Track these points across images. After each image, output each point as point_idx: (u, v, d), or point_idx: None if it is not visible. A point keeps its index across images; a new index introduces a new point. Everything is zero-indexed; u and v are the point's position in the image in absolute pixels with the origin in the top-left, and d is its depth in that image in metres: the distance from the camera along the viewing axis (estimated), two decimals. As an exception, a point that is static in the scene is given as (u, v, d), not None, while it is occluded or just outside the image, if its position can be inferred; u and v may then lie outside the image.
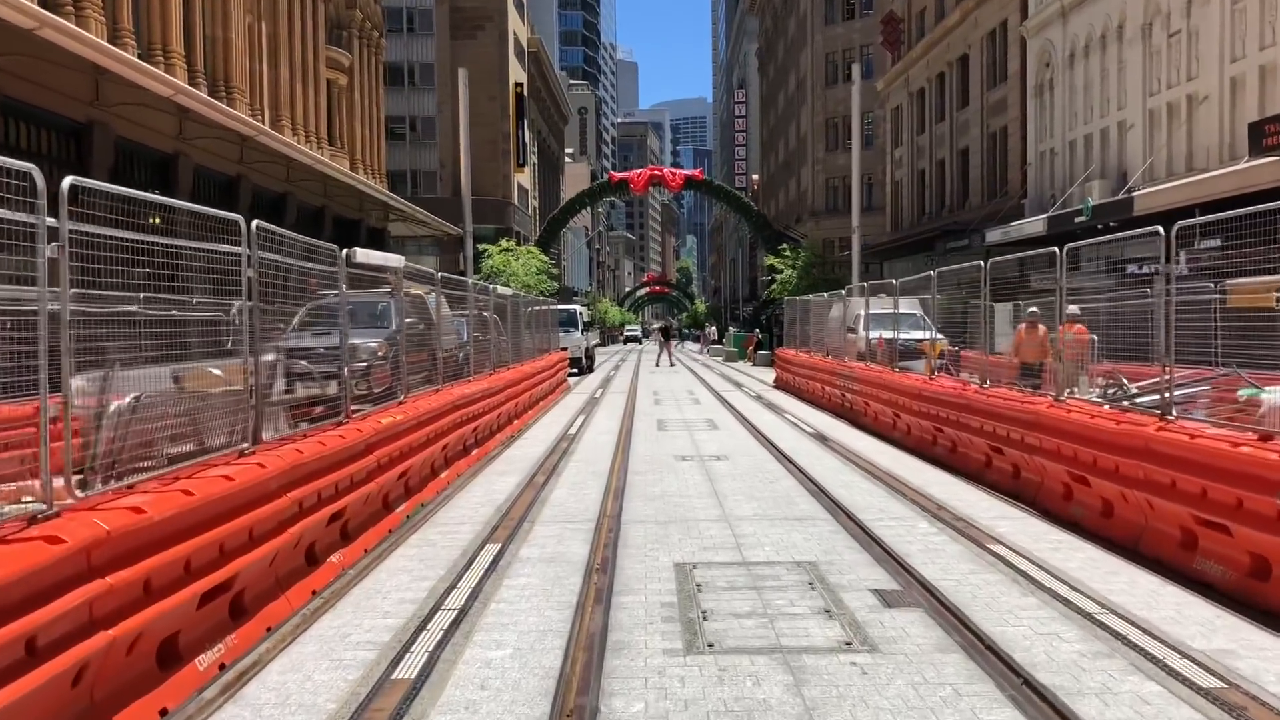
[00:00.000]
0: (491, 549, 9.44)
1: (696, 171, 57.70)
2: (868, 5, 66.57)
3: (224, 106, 28.76)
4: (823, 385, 23.48)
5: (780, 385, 29.81)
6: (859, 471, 13.87)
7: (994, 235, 35.13)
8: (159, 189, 27.88)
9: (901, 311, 23.95)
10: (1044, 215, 32.47)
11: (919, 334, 23.60)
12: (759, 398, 26.64)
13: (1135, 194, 27.43)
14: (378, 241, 47.48)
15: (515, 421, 19.73)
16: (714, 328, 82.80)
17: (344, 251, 9.86)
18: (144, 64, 23.46)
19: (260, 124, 33.03)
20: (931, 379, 15.93)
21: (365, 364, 15.37)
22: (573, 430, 19.29)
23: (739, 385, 31.66)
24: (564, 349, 34.11)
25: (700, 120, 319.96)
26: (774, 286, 46.26)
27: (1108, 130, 33.58)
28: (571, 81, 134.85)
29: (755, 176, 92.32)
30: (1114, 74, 33.09)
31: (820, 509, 11.17)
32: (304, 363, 13.70)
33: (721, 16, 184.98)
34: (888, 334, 22.30)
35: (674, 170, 56.39)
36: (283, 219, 35.90)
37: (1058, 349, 14.00)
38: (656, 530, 10.09)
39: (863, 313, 26.85)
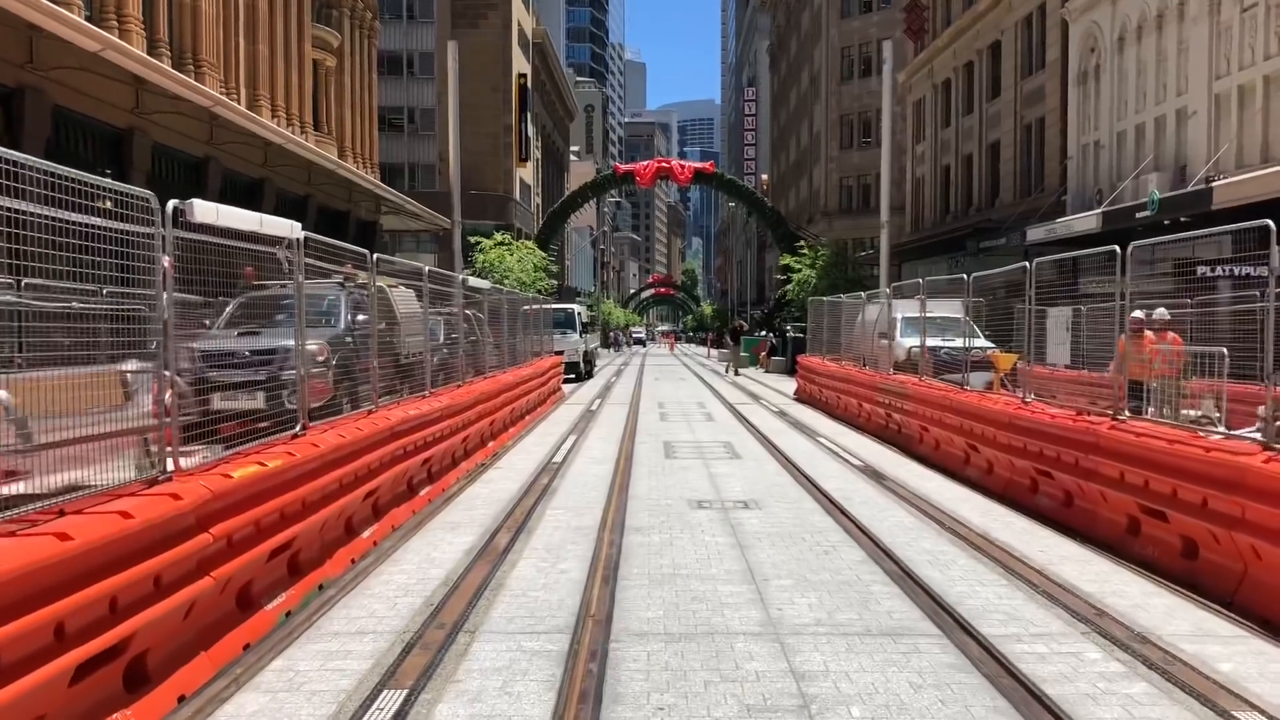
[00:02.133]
0: (391, 700, 5.52)
1: (706, 164, 53.53)
2: (885, -2, 62.70)
3: (188, 79, 24.98)
4: (859, 402, 19.48)
5: (803, 398, 25.80)
6: (945, 533, 9.85)
7: (1036, 233, 31.13)
8: (111, 168, 24.41)
9: (944, 315, 20.24)
10: (1098, 210, 28.47)
11: (969, 342, 20.00)
12: (781, 413, 22.60)
13: (1214, 184, 23.45)
14: (368, 235, 43.61)
15: (491, 443, 15.80)
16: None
17: (170, 205, 5.94)
18: (89, 25, 19.80)
19: (232, 101, 29.27)
20: (1026, 403, 11.96)
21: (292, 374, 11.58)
22: (559, 456, 15.27)
23: (755, 397, 27.54)
24: (559, 353, 30.11)
25: (708, 122, 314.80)
26: (790, 287, 42.15)
27: (1164, 119, 29.59)
28: (578, 79, 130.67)
29: (765, 177, 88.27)
30: (1173, 56, 29.09)
31: (915, 609, 7.20)
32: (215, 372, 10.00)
33: (731, 16, 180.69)
34: (943, 341, 18.50)
35: (683, 163, 52.21)
36: (258, 207, 32.18)
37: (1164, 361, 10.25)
38: (665, 656, 6.14)
39: (899, 316, 22.99)
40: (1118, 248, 10.35)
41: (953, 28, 45.44)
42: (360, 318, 15.08)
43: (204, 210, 6.21)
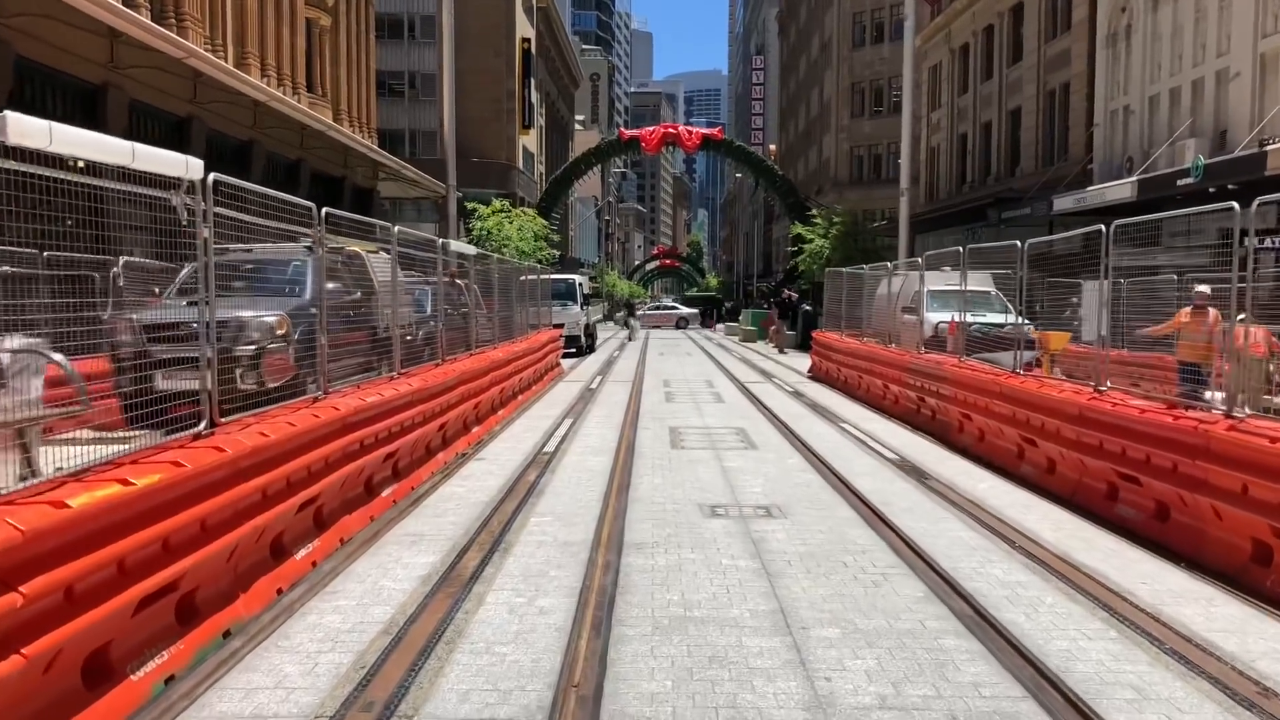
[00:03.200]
0: None
1: (715, 130, 51.12)
2: (900, -38, 60.14)
3: (164, 31, 22.94)
4: (885, 383, 17.49)
5: (818, 375, 23.80)
6: (1016, 554, 7.86)
7: (1064, 203, 29.02)
8: (85, 125, 22.43)
9: (973, 289, 18.30)
10: (1132, 178, 26.36)
11: (996, 317, 18.15)
12: (797, 394, 20.60)
13: (1269, 148, 21.35)
14: (365, 202, 41.57)
15: (477, 428, 13.89)
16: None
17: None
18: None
19: (218, 58, 27.23)
20: (1100, 391, 9.98)
21: (255, 346, 9.87)
22: (552, 445, 13.31)
23: (768, 375, 25.47)
24: (559, 326, 28.05)
25: (715, 93, 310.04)
26: (801, 258, 39.95)
27: (1202, 82, 27.42)
28: (584, 46, 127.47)
29: (773, 147, 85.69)
30: (1213, 14, 26.89)
31: (1009, 679, 5.22)
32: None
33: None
34: (973, 317, 16.60)
35: (690, 128, 49.78)
36: (247, 170, 30.16)
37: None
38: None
39: (926, 289, 21.01)
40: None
41: (972, -11, 43.08)
42: (331, 286, 13.21)
43: (25, 129, 4.26)
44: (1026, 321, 16.93)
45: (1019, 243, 12.79)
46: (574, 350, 32.61)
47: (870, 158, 62.21)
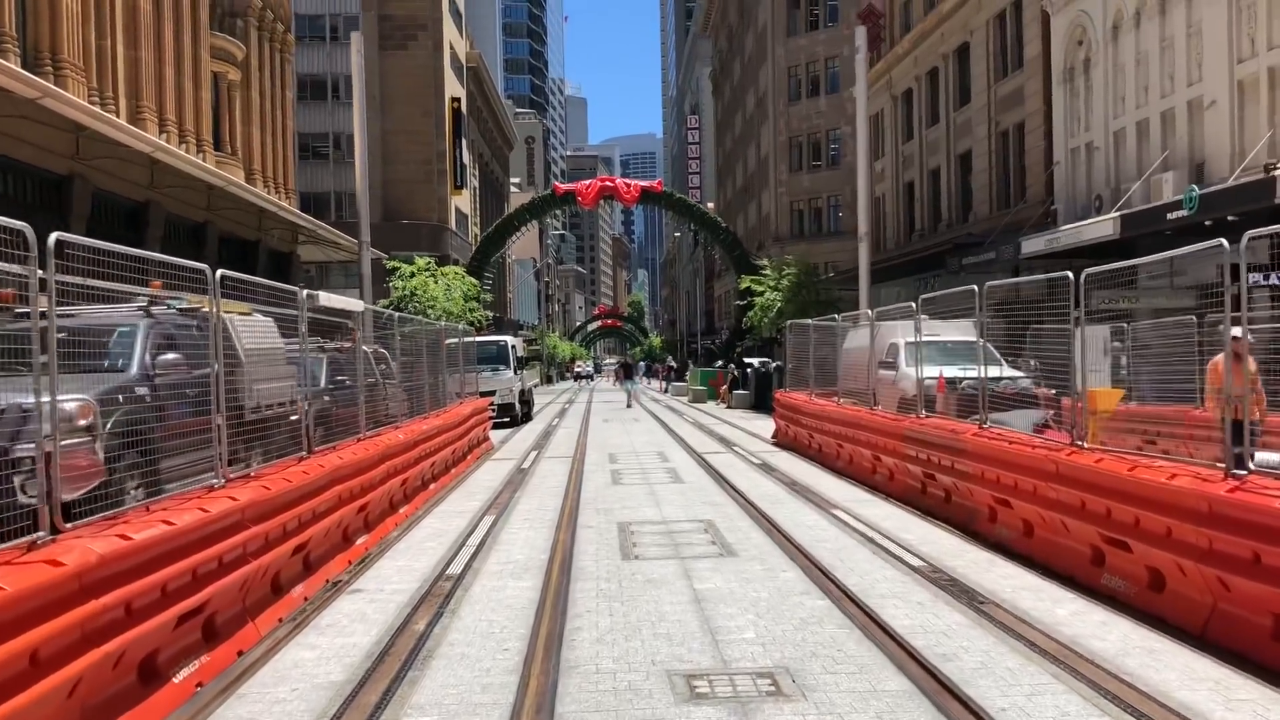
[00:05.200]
0: None
1: (655, 183, 48.00)
2: (832, 15, 58.43)
3: (38, 80, 19.51)
4: (875, 454, 14.22)
5: (785, 443, 20.50)
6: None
7: (1033, 244, 26.33)
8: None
9: (955, 339, 15.49)
10: (1112, 214, 23.74)
11: (994, 371, 15.24)
12: (766, 467, 17.20)
13: (1277, 173, 18.78)
14: (283, 268, 37.93)
15: (365, 538, 10.35)
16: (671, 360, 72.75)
17: None
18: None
19: (105, 111, 23.79)
20: (1241, 477, 6.81)
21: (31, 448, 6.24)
22: (461, 559, 9.70)
23: (728, 443, 21.97)
24: (489, 394, 24.40)
25: (650, 156, 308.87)
26: (752, 313, 36.82)
27: (1172, 113, 25.12)
28: (518, 110, 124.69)
29: (710, 205, 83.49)
30: (1180, 42, 24.67)
31: None
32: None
33: (671, 47, 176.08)
34: (961, 371, 13.71)
35: (628, 181, 46.56)
36: (142, 233, 26.54)
37: None
38: None
39: (899, 341, 17.99)
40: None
41: (914, 32, 41.05)
42: (169, 356, 9.70)
43: None
44: (1024, 374, 14.04)
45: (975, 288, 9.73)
46: (507, 420, 28.88)
47: (810, 211, 59.94)
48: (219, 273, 7.65)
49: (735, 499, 13.42)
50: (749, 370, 35.77)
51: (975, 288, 11.14)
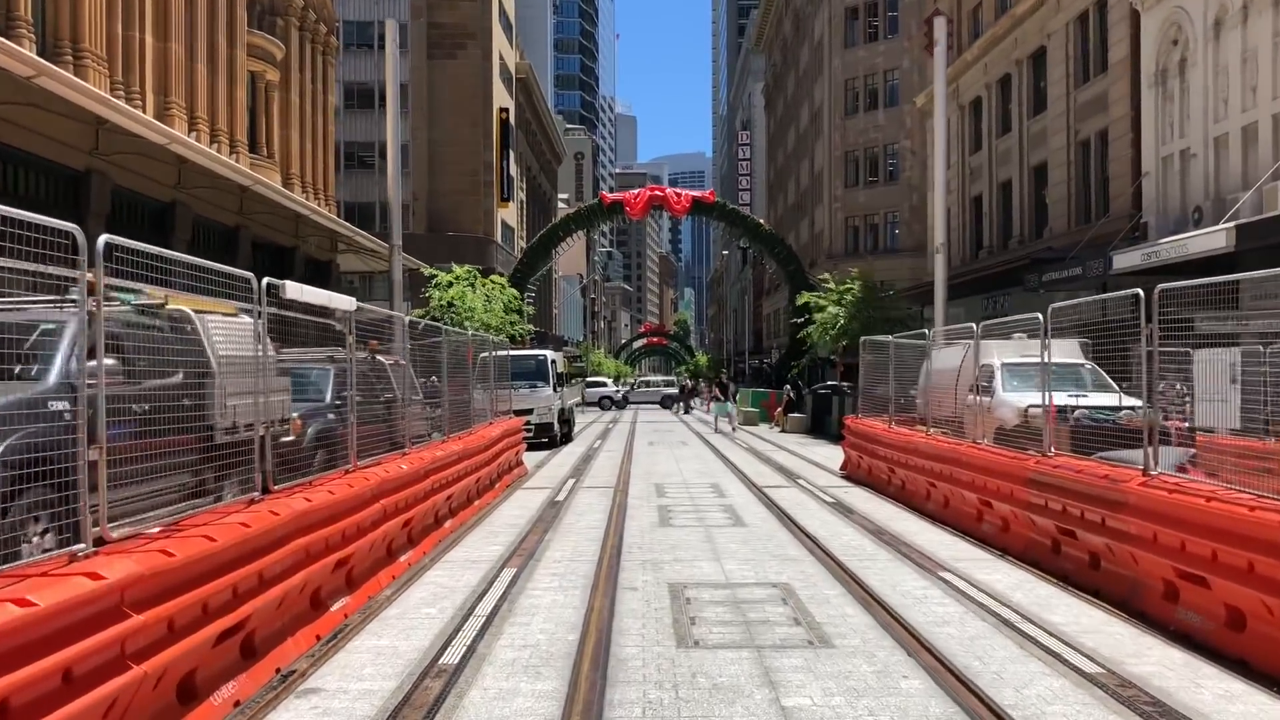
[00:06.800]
0: None
1: (706, 193, 45.43)
2: (892, 27, 55.73)
3: (57, 69, 17.62)
4: (982, 498, 11.57)
5: (857, 476, 17.81)
6: None
7: (1127, 259, 23.51)
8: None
9: (1063, 361, 12.99)
10: (1227, 224, 20.90)
11: (1102, 399, 12.93)
12: (841, 507, 14.47)
13: None
14: (322, 275, 35.97)
15: (345, 600, 7.98)
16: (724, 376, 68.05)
17: None
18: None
19: (132, 106, 21.94)
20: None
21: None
22: (460, 645, 7.19)
23: (791, 475, 19.15)
24: (525, 413, 21.88)
25: (699, 174, 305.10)
26: (811, 329, 34.10)
27: (1285, 114, 22.27)
28: (568, 125, 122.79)
29: (761, 222, 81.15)
30: (1299, 35, 21.85)
31: None
32: None
33: (723, 64, 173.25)
34: (1070, 399, 11.19)
35: (679, 191, 43.95)
36: (168, 236, 24.60)
37: None
38: None
39: (997, 362, 15.40)
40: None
41: (984, 38, 38.32)
42: (107, 362, 7.33)
43: None
44: (1142, 404, 11.44)
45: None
46: (545, 441, 26.34)
47: (866, 227, 57.15)
48: (102, 240, 5.29)
49: (813, 552, 10.79)
50: (805, 392, 33.04)
51: (1140, 291, 8.51)
